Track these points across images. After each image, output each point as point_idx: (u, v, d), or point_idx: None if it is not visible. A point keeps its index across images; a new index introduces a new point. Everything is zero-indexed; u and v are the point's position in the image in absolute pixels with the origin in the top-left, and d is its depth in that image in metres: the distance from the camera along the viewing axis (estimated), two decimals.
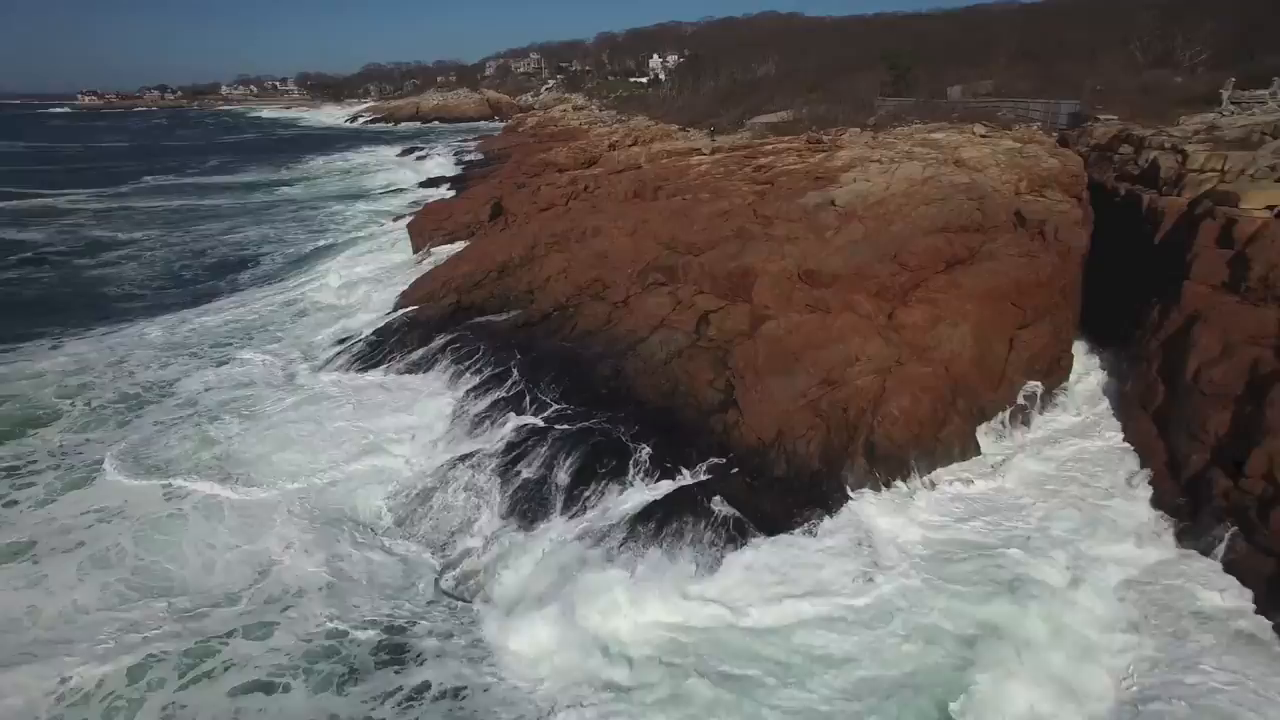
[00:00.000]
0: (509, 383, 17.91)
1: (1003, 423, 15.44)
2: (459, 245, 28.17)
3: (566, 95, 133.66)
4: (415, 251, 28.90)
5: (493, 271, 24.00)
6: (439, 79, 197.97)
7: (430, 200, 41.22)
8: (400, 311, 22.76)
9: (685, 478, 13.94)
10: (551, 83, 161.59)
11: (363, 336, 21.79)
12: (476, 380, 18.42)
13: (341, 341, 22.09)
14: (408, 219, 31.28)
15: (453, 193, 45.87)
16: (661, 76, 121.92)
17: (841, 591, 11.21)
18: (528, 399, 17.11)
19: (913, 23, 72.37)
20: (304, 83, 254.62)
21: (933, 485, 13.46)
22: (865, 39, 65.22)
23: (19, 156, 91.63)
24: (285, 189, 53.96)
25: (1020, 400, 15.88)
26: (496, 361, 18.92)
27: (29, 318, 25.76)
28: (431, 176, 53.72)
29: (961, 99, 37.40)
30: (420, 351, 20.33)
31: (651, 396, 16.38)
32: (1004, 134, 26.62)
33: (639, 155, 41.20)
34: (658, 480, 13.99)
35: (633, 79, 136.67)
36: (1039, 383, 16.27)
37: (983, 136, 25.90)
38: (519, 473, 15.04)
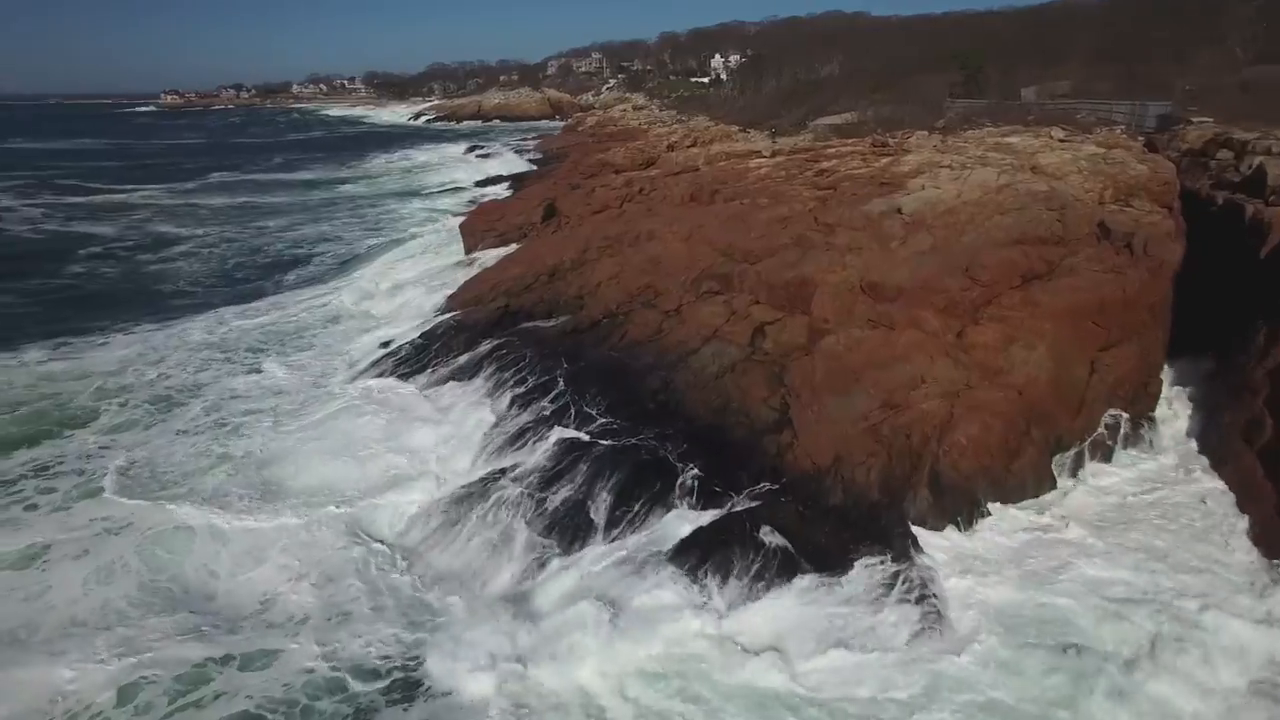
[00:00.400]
0: (554, 393, 17.33)
1: (1082, 454, 14.19)
2: (511, 248, 27.80)
3: (627, 95, 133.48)
4: (467, 252, 28.64)
5: (543, 275, 23.50)
6: (501, 78, 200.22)
7: (485, 199, 41.18)
8: (448, 315, 22.43)
9: (734, 503, 13.14)
10: (612, 82, 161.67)
11: (408, 340, 21.50)
12: (520, 390, 17.88)
13: (385, 345, 21.86)
14: (461, 219, 31.10)
15: (509, 192, 45.80)
16: (723, 76, 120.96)
17: (895, 645, 10.22)
18: (572, 411, 16.50)
19: (983, 21, 69.81)
20: (371, 81, 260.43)
21: (1003, 523, 12.37)
22: (933, 38, 63.11)
23: (101, 153, 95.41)
24: (346, 186, 54.71)
25: (1102, 430, 14.59)
26: (542, 370, 18.37)
27: (90, 311, 26.55)
28: (489, 175, 53.81)
29: (1037, 100, 35.60)
30: (465, 357, 19.92)
31: (701, 412, 15.61)
32: (1085, 138, 25.03)
33: (697, 157, 40.38)
34: (704, 504, 13.22)
35: (694, 79, 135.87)
36: (1123, 411, 14.95)
37: (1062, 141, 24.36)
38: (559, 490, 14.43)
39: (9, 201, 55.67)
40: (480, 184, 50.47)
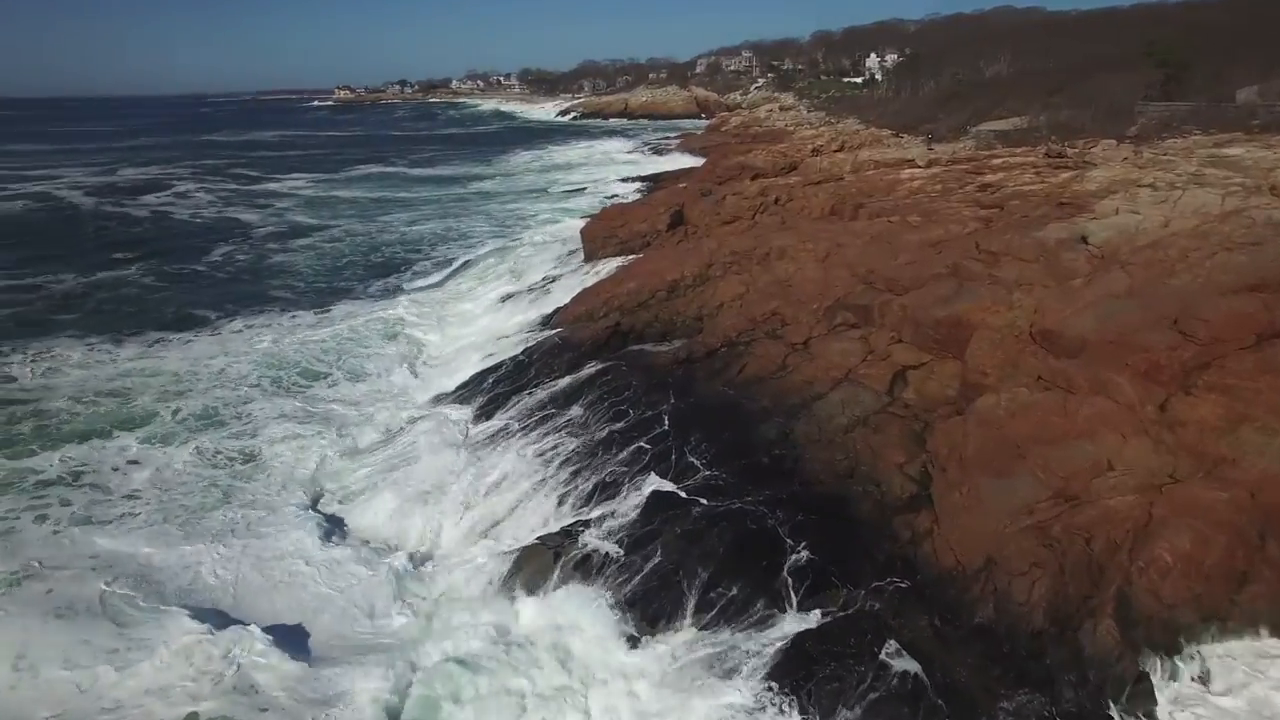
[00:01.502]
0: (655, 433, 15.36)
1: None
2: (632, 258, 26.10)
3: (775, 95, 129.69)
4: (587, 259, 27.17)
5: (660, 291, 21.60)
6: (650, 76, 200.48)
7: (615, 201, 39.80)
8: (554, 330, 20.93)
9: (853, 600, 10.71)
10: (761, 81, 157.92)
11: (509, 356, 20.17)
12: (619, 426, 16.03)
13: (489, 356, 20.65)
14: (585, 223, 29.72)
15: (640, 194, 44.31)
16: (878, 77, 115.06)
17: None
18: (673, 457, 14.48)
19: (1187, 12, 61.61)
20: (525, 78, 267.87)
21: (1224, 675, 9.27)
22: (1122, 34, 56.27)
23: (273, 145, 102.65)
24: (480, 183, 55.21)
25: None
26: (647, 403, 16.45)
27: (202, 304, 27.88)
28: (625, 176, 52.56)
29: (1262, 102, 30.10)
30: (566, 381, 18.31)
31: (822, 475, 13.20)
32: None
33: (843, 164, 37.33)
34: (816, 597, 10.88)
35: (846, 79, 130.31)
36: None
37: None
38: (648, 555, 12.47)
39: (186, 186, 60.45)
40: (619, 181, 49.31)
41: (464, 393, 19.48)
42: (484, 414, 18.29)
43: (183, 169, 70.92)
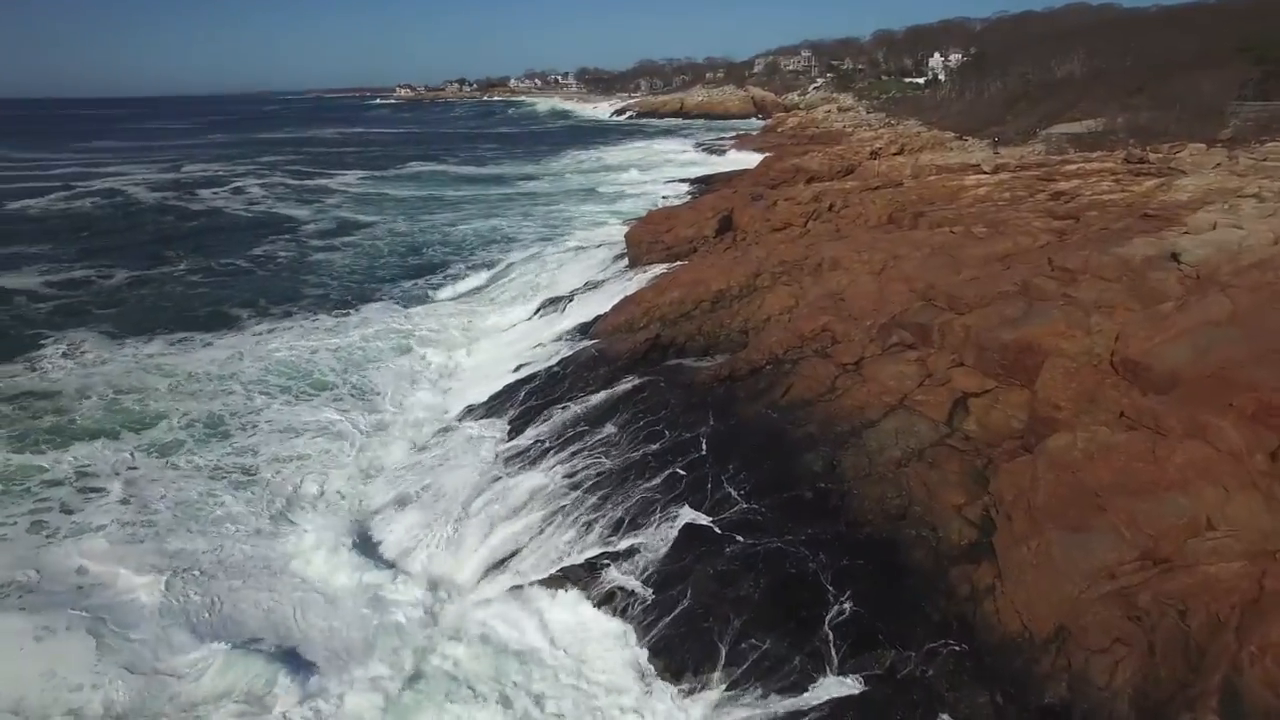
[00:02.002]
0: (691, 457, 14.31)
1: None
2: (678, 265, 25.06)
3: (834, 95, 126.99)
4: (630, 265, 26.21)
5: (705, 302, 20.53)
6: (707, 75, 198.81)
7: (665, 203, 38.78)
8: (592, 341, 20.00)
9: (901, 664, 9.52)
10: (820, 81, 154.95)
11: (544, 368, 19.33)
12: (654, 447, 15.01)
13: (523, 367, 19.84)
14: (630, 227, 28.75)
15: (690, 196, 43.20)
16: (941, 77, 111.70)
17: None
18: (709, 486, 13.41)
19: None
20: (582, 77, 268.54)
21: None
22: (1211, 29, 52.93)
23: (333, 141, 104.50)
24: (529, 183, 54.85)
25: None
26: (684, 424, 15.39)
27: (233, 302, 28.13)
28: (676, 177, 51.47)
29: None
30: (601, 396, 17.35)
31: (872, 514, 11.98)
32: None
33: (903, 167, 35.67)
34: (860, 658, 9.71)
35: (908, 79, 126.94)
36: None
37: None
38: (678, 597, 11.45)
39: (245, 183, 61.68)
40: (669, 182, 48.23)
41: (496, 404, 18.69)
42: (514, 429, 17.46)
43: (243, 166, 72.38)
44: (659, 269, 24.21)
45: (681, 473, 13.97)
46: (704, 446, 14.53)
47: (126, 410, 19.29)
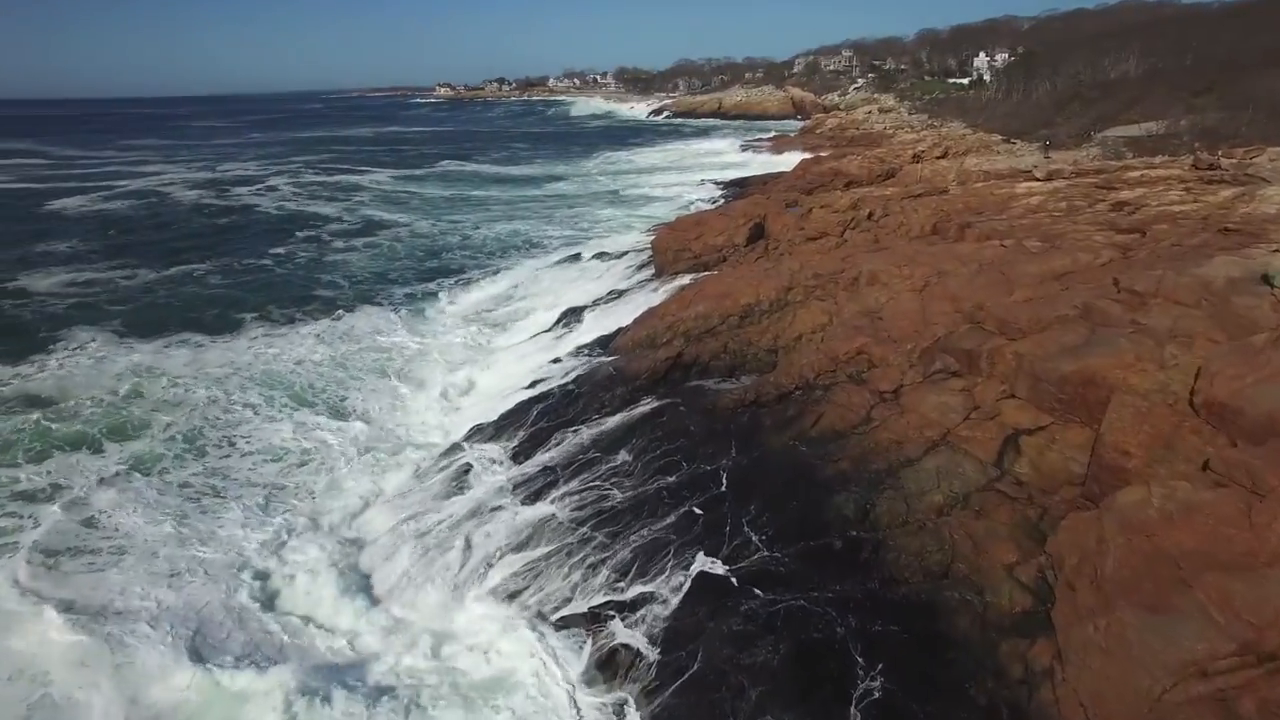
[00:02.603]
0: (710, 494, 13.05)
1: None
2: (705, 275, 23.76)
3: (875, 95, 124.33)
4: (657, 275, 24.95)
5: (732, 316, 19.19)
6: (746, 75, 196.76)
7: (696, 208, 37.46)
8: (610, 358, 18.79)
9: None
10: (861, 82, 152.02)
11: (559, 384, 18.17)
12: (670, 480, 13.79)
13: (538, 383, 18.70)
14: (657, 234, 27.45)
15: (723, 198, 41.81)
16: (986, 77, 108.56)
17: None
18: (727, 529, 12.14)
19: None
20: (621, 76, 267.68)
21: None
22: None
23: (368, 140, 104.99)
24: (556, 184, 54.07)
25: None
26: (704, 455, 14.13)
27: (242, 304, 27.75)
28: (708, 179, 50.02)
29: None
30: (617, 419, 16.14)
31: (909, 570, 10.61)
32: None
33: (947, 172, 33.93)
34: None
35: (952, 79, 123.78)
36: None
37: None
38: (687, 660, 10.20)
39: (278, 181, 61.88)
40: (699, 187, 46.75)
41: (505, 424, 17.56)
42: (523, 453, 16.32)
43: (279, 165, 72.71)
44: (685, 279, 22.93)
45: (698, 511, 12.72)
46: (724, 481, 13.26)
47: (113, 419, 18.77)
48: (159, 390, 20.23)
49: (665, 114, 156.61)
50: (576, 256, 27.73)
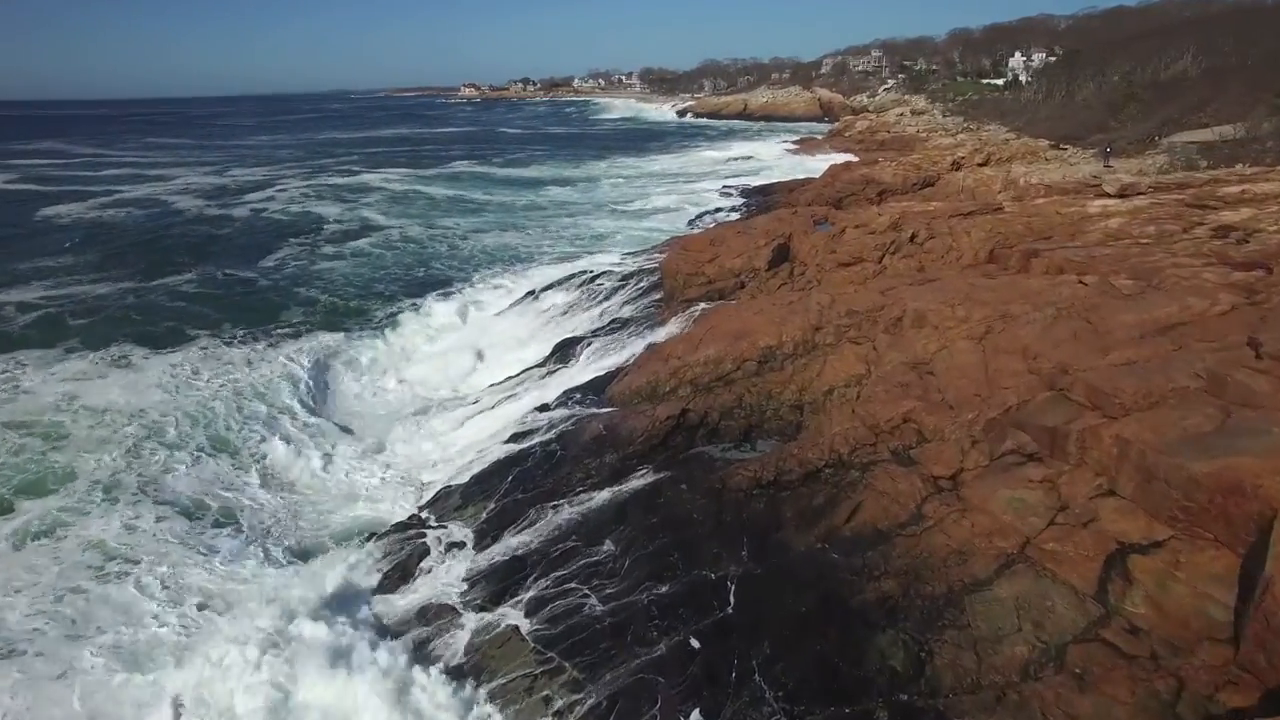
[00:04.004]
0: (712, 618, 10.06)
1: None
2: (720, 306, 20.70)
3: (906, 97, 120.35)
4: (666, 301, 21.84)
5: (749, 361, 16.10)
6: (773, 76, 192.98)
7: (716, 221, 34.37)
8: (604, 411, 15.80)
9: None
10: (891, 83, 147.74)
11: (540, 442, 15.22)
12: (663, 590, 10.79)
13: (515, 439, 15.76)
14: (665, 253, 24.34)
15: (743, 208, 38.67)
16: (1022, 78, 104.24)
17: None
18: (732, 676, 9.14)
19: None
20: (646, 77, 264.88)
21: None
22: None
23: (386, 141, 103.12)
24: (561, 190, 51.85)
25: None
26: (708, 555, 11.14)
27: (203, 319, 25.69)
28: (729, 186, 46.85)
29: None
30: (605, 495, 13.16)
31: None
32: None
33: (992, 182, 30.60)
34: None
35: (986, 80, 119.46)
36: None
37: None
38: None
39: (289, 184, 60.12)
40: (718, 195, 43.53)
41: (473, 492, 14.66)
42: (490, 532, 13.40)
43: (289, 168, 70.79)
44: (698, 309, 19.86)
45: (695, 644, 9.71)
46: (730, 599, 10.27)
47: (26, 465, 16.36)
48: (83, 430, 17.65)
49: (690, 115, 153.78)
50: (575, 274, 24.37)
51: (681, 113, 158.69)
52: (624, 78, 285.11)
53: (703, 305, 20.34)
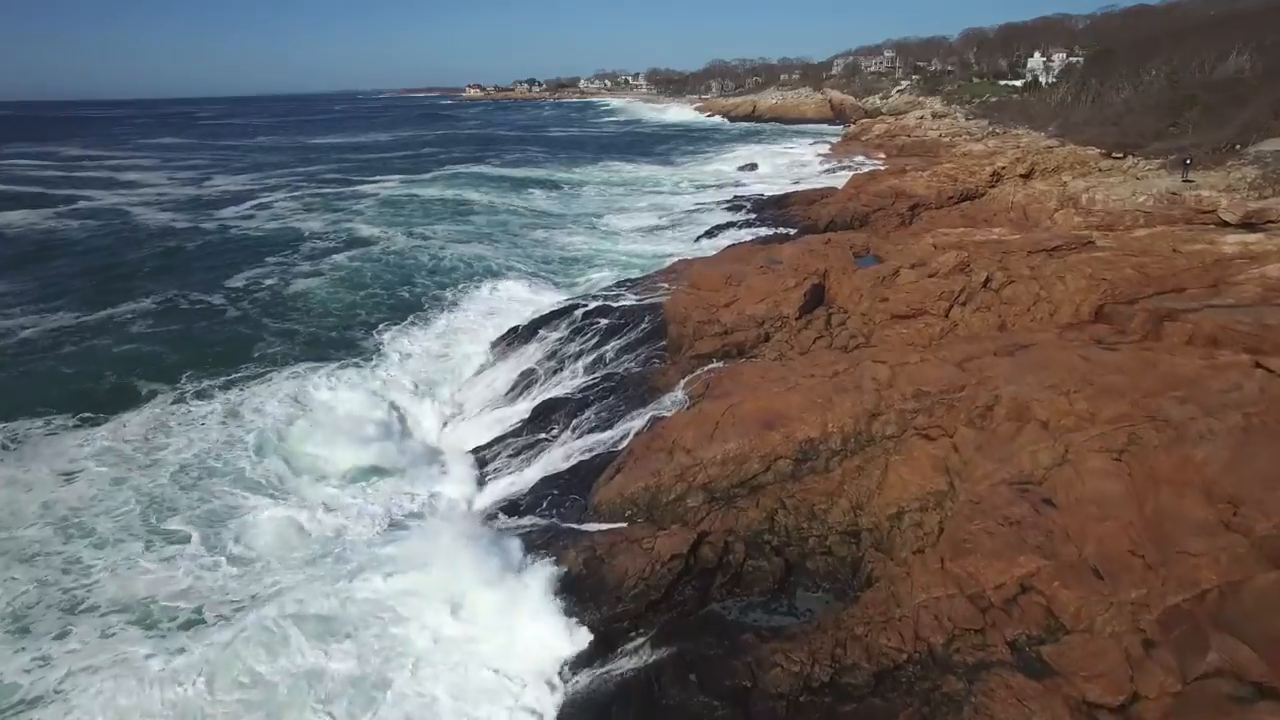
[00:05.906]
0: None
1: None
2: (738, 366, 16.56)
3: (920, 98, 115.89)
4: (670, 353, 17.62)
5: (783, 460, 11.97)
6: (782, 77, 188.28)
7: (731, 242, 30.12)
8: (585, 529, 11.67)
9: None
10: (905, 84, 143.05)
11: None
12: None
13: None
14: (674, 291, 20.04)
15: (757, 223, 34.43)
16: (1042, 79, 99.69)
17: None
18: None
19: None
20: (652, 78, 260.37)
21: None
22: None
23: (382, 145, 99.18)
24: (546, 198, 48.15)
25: None
26: None
27: (149, 367, 21.43)
28: (740, 198, 42.59)
29: None
30: (575, 684, 9.05)
31: None
32: None
33: (1046, 199, 26.45)
34: None
35: (1003, 81, 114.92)
36: None
37: None
38: None
39: (273, 196, 56.48)
40: (727, 211, 39.16)
41: None
42: None
43: (277, 176, 66.83)
44: (712, 368, 15.74)
45: None
46: None
47: None
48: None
49: (708, 114, 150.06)
50: (555, 312, 19.91)
51: (700, 110, 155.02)
52: (630, 78, 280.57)
53: (717, 364, 16.25)
